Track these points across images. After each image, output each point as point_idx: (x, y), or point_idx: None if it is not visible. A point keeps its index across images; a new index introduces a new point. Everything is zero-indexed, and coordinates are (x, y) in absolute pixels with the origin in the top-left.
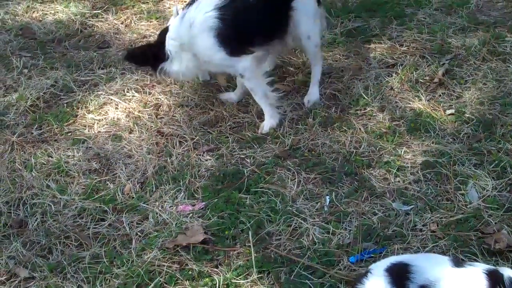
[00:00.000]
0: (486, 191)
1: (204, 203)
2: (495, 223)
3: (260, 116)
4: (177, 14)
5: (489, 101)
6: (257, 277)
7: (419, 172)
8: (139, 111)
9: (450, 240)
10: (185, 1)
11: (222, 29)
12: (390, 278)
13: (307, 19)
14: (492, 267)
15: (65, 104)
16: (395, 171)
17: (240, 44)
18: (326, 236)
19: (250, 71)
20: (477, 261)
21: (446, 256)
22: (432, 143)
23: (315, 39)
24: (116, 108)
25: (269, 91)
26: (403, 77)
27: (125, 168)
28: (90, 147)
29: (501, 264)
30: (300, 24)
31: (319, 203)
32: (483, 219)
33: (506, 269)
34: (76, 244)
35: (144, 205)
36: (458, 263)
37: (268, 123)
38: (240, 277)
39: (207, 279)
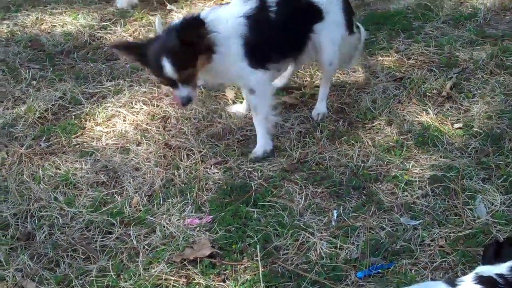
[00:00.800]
0: (495, 206)
1: (211, 216)
2: (504, 238)
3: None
4: (160, 26)
5: (497, 115)
6: None
7: (427, 186)
8: (147, 124)
9: (459, 256)
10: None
11: (249, 38)
12: None
13: (331, 45)
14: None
15: (73, 116)
16: (403, 185)
17: (260, 56)
18: (333, 251)
19: (262, 86)
20: None
21: (439, 281)
22: (440, 157)
23: (336, 65)
24: (124, 120)
25: (271, 114)
26: (410, 91)
27: (133, 180)
28: (98, 159)
29: None
30: (323, 50)
31: (326, 217)
32: (492, 234)
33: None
34: (83, 257)
35: (151, 218)
36: (452, 283)
37: (262, 148)
38: None
39: None
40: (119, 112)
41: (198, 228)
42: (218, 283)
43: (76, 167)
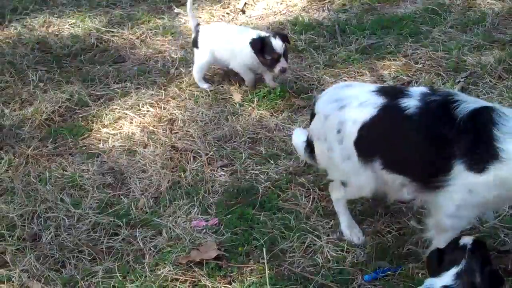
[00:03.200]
0: (503, 210)
1: (217, 219)
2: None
3: (273, 131)
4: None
5: None
6: None
7: None
8: (153, 126)
9: None
10: (199, 17)
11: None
12: None
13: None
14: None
15: (80, 118)
16: None
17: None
18: (340, 254)
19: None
20: None
21: None
22: None
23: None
24: (131, 122)
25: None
26: None
27: (139, 182)
28: (105, 161)
29: None
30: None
31: (333, 221)
32: (499, 238)
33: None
34: (89, 258)
35: (157, 220)
36: None
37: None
38: None
39: None
40: (126, 114)
41: (204, 230)
42: (224, 285)
43: (82, 168)
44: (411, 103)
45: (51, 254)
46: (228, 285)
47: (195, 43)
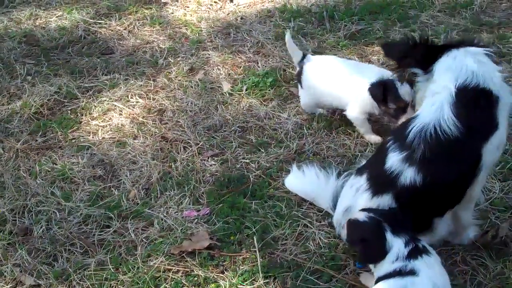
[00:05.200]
0: (493, 193)
1: (209, 208)
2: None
3: (262, 119)
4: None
5: None
6: (263, 282)
7: None
8: (143, 117)
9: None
10: (187, 7)
11: None
12: None
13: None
14: None
15: (69, 111)
16: None
17: None
18: (332, 240)
19: None
20: (485, 264)
21: None
22: None
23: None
24: (120, 114)
25: None
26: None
27: (130, 174)
28: (95, 153)
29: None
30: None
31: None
32: (490, 220)
33: None
34: (81, 251)
35: (149, 211)
36: None
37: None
38: (246, 282)
39: (213, 285)
40: (115, 106)
41: (196, 220)
42: (217, 274)
43: (72, 161)
44: None
45: (43, 248)
46: (220, 274)
47: (299, 79)
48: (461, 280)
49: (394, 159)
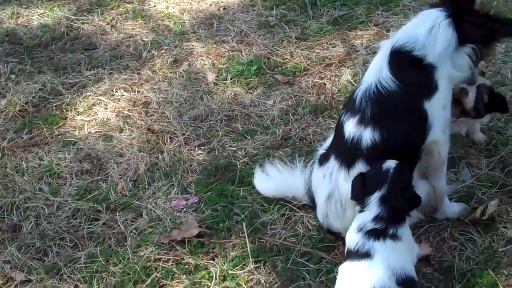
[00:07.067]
0: (479, 169)
1: (197, 197)
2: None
3: (248, 107)
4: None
5: None
6: (254, 267)
7: None
8: (128, 110)
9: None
10: (177, 2)
11: None
12: None
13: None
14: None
15: (54, 107)
16: None
17: None
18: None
19: None
20: (473, 239)
21: None
22: None
23: None
24: (106, 108)
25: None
26: None
27: (117, 167)
28: (81, 148)
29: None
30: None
31: None
32: (477, 196)
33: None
34: (71, 245)
35: (137, 202)
36: None
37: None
38: (236, 268)
39: (203, 272)
40: (100, 100)
41: (185, 209)
42: (207, 261)
43: (59, 157)
44: None
45: (33, 244)
46: (211, 261)
47: None
48: (450, 256)
49: (350, 126)
